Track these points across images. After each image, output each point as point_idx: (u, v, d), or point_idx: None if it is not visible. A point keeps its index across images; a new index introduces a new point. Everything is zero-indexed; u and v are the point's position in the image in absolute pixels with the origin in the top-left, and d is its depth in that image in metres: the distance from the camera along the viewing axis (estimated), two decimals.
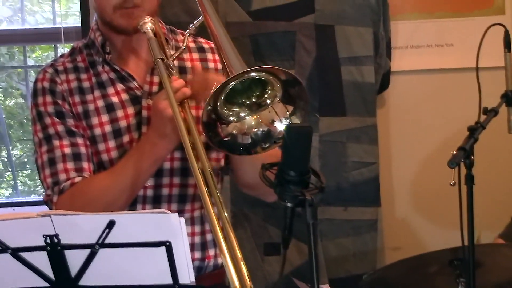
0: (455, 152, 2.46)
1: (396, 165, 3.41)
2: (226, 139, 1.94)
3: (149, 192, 2.21)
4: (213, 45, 2.34)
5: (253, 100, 1.97)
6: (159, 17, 2.30)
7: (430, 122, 3.38)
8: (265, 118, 1.96)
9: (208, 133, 1.89)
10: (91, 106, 2.23)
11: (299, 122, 1.92)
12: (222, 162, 2.31)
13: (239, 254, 1.66)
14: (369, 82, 3.20)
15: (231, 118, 1.95)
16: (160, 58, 2.08)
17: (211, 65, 2.34)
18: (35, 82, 2.26)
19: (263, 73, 1.89)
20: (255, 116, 1.97)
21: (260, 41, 3.14)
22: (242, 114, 1.96)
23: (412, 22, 3.35)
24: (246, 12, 3.16)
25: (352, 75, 3.19)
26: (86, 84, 2.25)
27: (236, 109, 1.96)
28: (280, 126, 1.94)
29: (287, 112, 1.93)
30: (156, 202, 2.21)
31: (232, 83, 1.85)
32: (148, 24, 2.15)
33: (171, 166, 2.22)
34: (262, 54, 3.14)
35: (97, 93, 2.24)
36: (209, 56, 2.35)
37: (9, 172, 5.05)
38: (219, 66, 2.26)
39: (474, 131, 2.51)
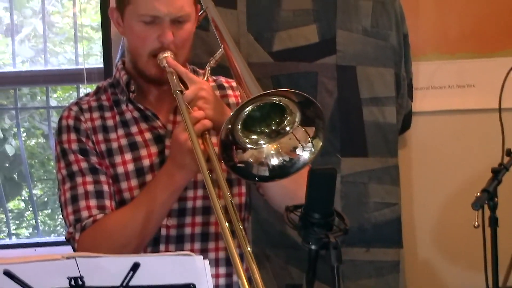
0: (478, 194, 2.46)
1: (418, 206, 3.40)
2: (240, 165, 1.94)
3: (172, 232, 2.21)
4: (233, 83, 2.37)
5: (273, 127, 1.97)
6: None
7: (453, 163, 3.36)
8: (285, 146, 1.96)
9: (223, 154, 1.89)
10: (114, 145, 2.24)
11: (321, 144, 1.92)
12: (245, 199, 2.31)
13: None
14: (391, 122, 3.19)
15: (249, 146, 1.95)
16: (179, 90, 2.09)
17: (231, 100, 2.36)
18: (60, 119, 2.29)
19: (279, 97, 1.89)
20: (275, 145, 1.97)
21: (282, 82, 3.14)
22: (261, 142, 1.96)
23: (433, 63, 3.35)
24: (267, 53, 3.17)
25: (374, 115, 3.18)
26: (110, 123, 2.27)
27: (254, 137, 1.97)
28: (303, 152, 1.94)
29: (309, 137, 1.94)
30: (179, 241, 2.22)
31: (251, 104, 1.85)
32: (167, 58, 2.18)
33: (194, 205, 2.23)
34: None
35: (120, 131, 2.26)
36: (230, 92, 2.37)
37: (29, 212, 5.07)
38: (240, 102, 2.28)
39: (497, 173, 2.51)
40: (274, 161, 1.95)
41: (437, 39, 3.34)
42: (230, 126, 1.88)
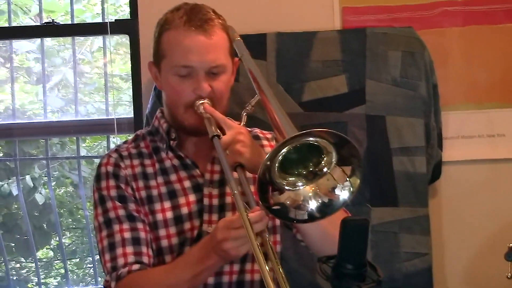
0: (511, 244, 2.44)
1: (449, 256, 3.37)
2: (277, 207, 1.94)
3: (210, 280, 2.22)
4: (268, 135, 2.39)
5: (310, 169, 1.97)
6: None
7: (483, 212, 3.34)
8: (323, 187, 1.96)
9: (260, 195, 1.88)
10: (154, 192, 2.27)
11: (359, 182, 1.92)
12: (279, 247, 2.31)
13: None
14: (421, 172, 3.19)
15: (287, 187, 1.95)
16: (216, 135, 2.11)
17: (267, 150, 2.37)
18: (99, 166, 2.32)
19: (315, 138, 1.89)
20: (312, 187, 1.97)
21: None
22: (299, 184, 1.96)
23: (462, 113, 3.35)
24: (297, 103, 3.19)
25: (403, 165, 3.18)
26: (150, 170, 2.30)
27: (292, 179, 1.97)
28: (342, 192, 1.94)
29: (346, 176, 1.94)
30: None
31: (288, 145, 1.86)
32: (204, 104, 2.20)
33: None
34: None
35: (160, 179, 2.28)
36: (265, 142, 2.39)
37: (58, 261, 5.08)
38: None
39: None
40: (313, 203, 1.95)
41: (466, 89, 3.34)
42: (267, 165, 1.88)
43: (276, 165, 1.91)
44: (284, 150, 1.88)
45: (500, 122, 3.36)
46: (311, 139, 1.91)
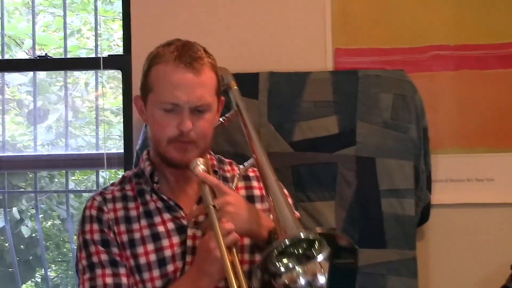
0: None
1: None
2: None
3: None
4: (258, 174, 2.39)
5: (303, 251, 2.00)
6: None
7: (471, 257, 3.34)
8: (310, 269, 1.98)
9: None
10: (137, 235, 2.26)
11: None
12: None
13: None
14: (410, 215, 3.19)
15: (282, 270, 1.98)
16: (213, 206, 2.12)
17: (256, 192, 2.38)
18: (84, 209, 2.32)
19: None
20: (301, 269, 1.99)
21: (302, 172, 3.16)
22: (291, 265, 1.99)
23: (452, 156, 3.36)
24: (288, 143, 3.20)
25: (392, 207, 3.18)
26: (133, 213, 2.29)
27: (286, 261, 1.99)
28: (322, 279, 1.96)
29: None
30: None
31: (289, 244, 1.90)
32: (200, 167, 2.20)
33: None
34: (303, 185, 3.16)
35: (143, 222, 2.28)
36: (255, 183, 2.39)
37: None
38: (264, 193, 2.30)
39: None
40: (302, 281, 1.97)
41: (456, 133, 3.36)
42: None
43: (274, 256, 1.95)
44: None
45: (489, 166, 3.37)
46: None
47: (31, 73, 4.05)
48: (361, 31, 3.38)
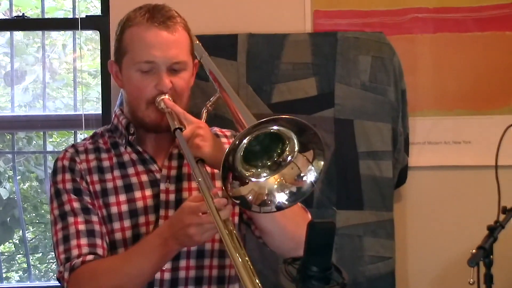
0: (474, 251, 2.46)
1: (412, 261, 3.39)
2: (240, 200, 1.95)
3: (166, 276, 2.22)
4: (227, 133, 2.40)
5: (274, 160, 1.99)
6: None
7: (448, 218, 3.37)
8: (289, 176, 1.97)
9: (226, 186, 1.89)
10: (109, 185, 2.27)
11: (323, 163, 1.93)
12: None
13: None
14: (387, 177, 3.21)
15: (252, 178, 1.96)
16: (179, 128, 2.12)
17: (227, 146, 2.37)
18: (56, 161, 2.32)
19: (275, 126, 1.90)
20: (277, 179, 1.98)
21: None
22: (264, 175, 1.98)
23: (430, 119, 3.38)
24: (266, 104, 3.20)
25: (370, 169, 3.20)
26: (106, 164, 2.30)
27: (256, 170, 1.98)
28: (308, 176, 1.95)
29: (309, 162, 1.95)
30: (173, 285, 2.23)
31: (249, 134, 1.87)
32: (165, 99, 2.21)
33: (188, 249, 2.23)
34: None
35: (116, 172, 2.28)
36: (224, 140, 2.39)
37: (20, 255, 5.05)
38: None
39: (493, 230, 2.52)
40: (280, 196, 1.96)
41: (435, 95, 3.38)
42: (231, 152, 1.89)
43: (240, 154, 1.91)
44: (245, 141, 1.88)
45: (467, 129, 3.39)
46: (274, 127, 1.91)
47: (8, 34, 4.01)
48: None
